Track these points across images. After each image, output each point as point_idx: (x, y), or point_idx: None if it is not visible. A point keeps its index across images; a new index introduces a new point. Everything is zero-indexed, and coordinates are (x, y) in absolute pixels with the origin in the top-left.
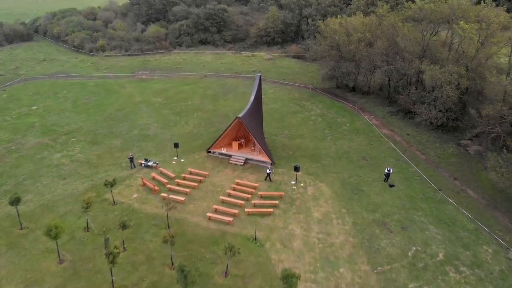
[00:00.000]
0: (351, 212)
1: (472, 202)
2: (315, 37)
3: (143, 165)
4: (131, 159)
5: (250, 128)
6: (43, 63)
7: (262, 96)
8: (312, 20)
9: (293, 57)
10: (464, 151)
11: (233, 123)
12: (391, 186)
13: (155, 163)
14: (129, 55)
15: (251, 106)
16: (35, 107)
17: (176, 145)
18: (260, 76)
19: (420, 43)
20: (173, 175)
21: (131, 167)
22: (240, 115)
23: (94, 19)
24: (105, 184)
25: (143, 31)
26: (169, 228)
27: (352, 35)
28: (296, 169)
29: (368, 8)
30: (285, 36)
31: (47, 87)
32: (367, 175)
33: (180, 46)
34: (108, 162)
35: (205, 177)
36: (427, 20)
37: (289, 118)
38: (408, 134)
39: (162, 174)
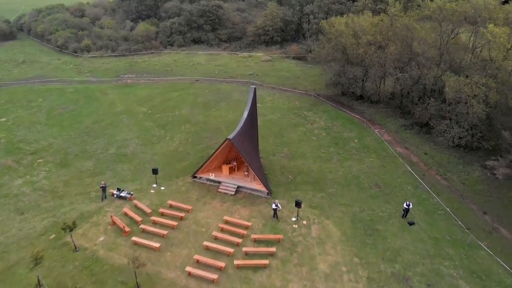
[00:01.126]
0: (365, 263)
1: (507, 245)
2: (317, 37)
3: (115, 195)
4: (103, 189)
5: (242, 151)
6: (22, 65)
7: (259, 105)
8: (314, 18)
9: (294, 58)
10: (491, 175)
11: (223, 145)
12: (410, 224)
13: (129, 193)
14: (115, 56)
15: (244, 124)
16: (3, 119)
17: (155, 171)
18: (255, 89)
19: (438, 47)
20: (149, 211)
21: (102, 198)
22: (231, 136)
23: (82, 16)
24: (63, 229)
25: (132, 29)
26: None
27: (360, 37)
28: (298, 204)
29: (376, 5)
30: (285, 35)
31: (21, 94)
32: (381, 208)
33: (172, 45)
34: (75, 190)
35: (188, 212)
36: (447, 21)
37: (289, 132)
38: (425, 154)
39: (136, 208)
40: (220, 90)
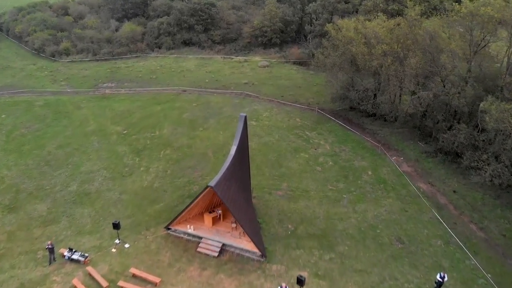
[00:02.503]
0: None
1: None
2: (321, 41)
3: (66, 257)
4: (51, 250)
5: (228, 200)
6: None
7: (253, 123)
8: (317, 19)
9: (294, 63)
10: None
11: (204, 192)
12: None
13: (83, 256)
14: (97, 60)
15: (231, 164)
16: None
17: (116, 226)
18: (246, 117)
19: (466, 60)
20: (105, 284)
21: (50, 261)
22: (213, 183)
23: (65, 15)
24: None
25: (117, 29)
26: None
27: (374, 46)
28: (300, 282)
29: (388, 5)
30: (285, 36)
31: None
32: (406, 277)
33: (159, 48)
34: (20, 247)
35: (156, 286)
36: (478, 28)
37: (289, 160)
38: (454, 192)
39: (90, 277)
40: (210, 103)
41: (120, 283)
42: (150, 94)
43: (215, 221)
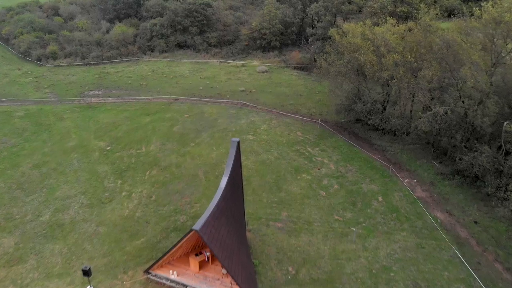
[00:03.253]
0: None
1: None
2: (323, 45)
3: None
4: None
5: (216, 244)
6: None
7: (250, 137)
8: (318, 21)
9: (295, 68)
10: None
11: (188, 236)
12: None
13: None
14: (85, 64)
15: (220, 201)
16: None
17: (86, 273)
18: (239, 142)
19: (486, 72)
20: None
21: None
22: (198, 225)
23: (55, 15)
24: None
25: (108, 30)
26: None
27: (384, 55)
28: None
29: (397, 8)
30: (285, 39)
31: None
32: None
33: (152, 51)
34: None
35: None
36: (501, 37)
37: (289, 182)
38: (476, 223)
39: None
40: (203, 114)
41: None
42: (139, 104)
43: (202, 264)
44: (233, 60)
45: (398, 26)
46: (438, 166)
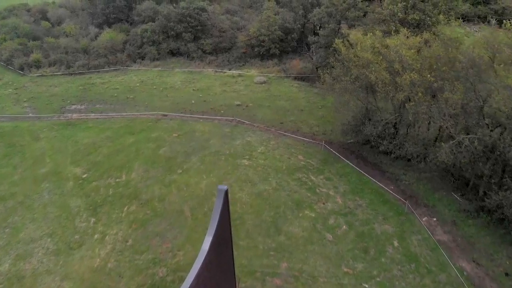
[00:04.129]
0: None
1: None
2: (326, 55)
3: None
4: None
5: None
6: None
7: (245, 162)
8: (320, 27)
9: (295, 78)
10: None
11: None
12: None
13: None
14: (70, 74)
15: (202, 268)
16: None
17: None
18: (227, 191)
19: None
20: None
21: None
22: None
23: (43, 19)
24: None
25: (97, 36)
26: None
27: (400, 73)
28: None
29: (408, 15)
30: (285, 46)
31: None
32: None
33: (143, 59)
34: None
35: None
36: None
37: (289, 221)
38: (507, 275)
39: None
40: (194, 133)
41: None
42: (123, 121)
43: None
44: (229, 69)
45: (412, 37)
46: (459, 200)
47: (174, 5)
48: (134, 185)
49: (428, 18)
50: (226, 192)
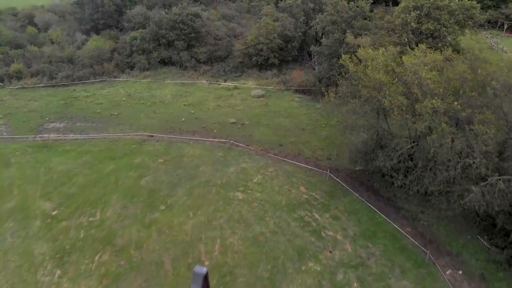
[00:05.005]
0: None
1: None
2: (330, 68)
3: None
4: None
5: None
6: None
7: (240, 195)
8: (323, 35)
9: (296, 91)
10: None
11: None
12: None
13: None
14: (53, 86)
15: None
16: None
17: None
18: (207, 274)
19: None
20: None
21: None
22: None
23: (30, 24)
24: None
25: (84, 43)
26: None
27: (418, 98)
28: None
29: (422, 25)
30: (285, 55)
31: None
32: None
33: (132, 69)
34: None
35: None
36: None
37: (290, 278)
38: None
39: None
40: (183, 158)
41: None
42: (104, 143)
43: None
44: (225, 81)
45: (430, 52)
46: (487, 246)
47: (166, 10)
48: (109, 225)
49: (444, 29)
50: (206, 277)
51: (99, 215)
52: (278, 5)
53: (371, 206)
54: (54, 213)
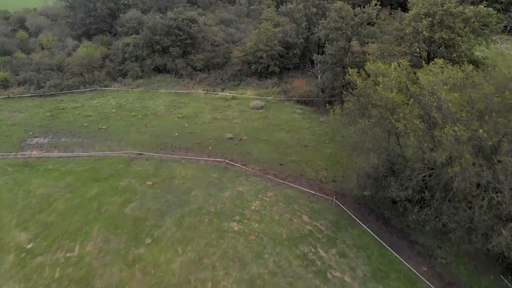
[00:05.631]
0: None
1: None
2: (335, 78)
3: None
4: None
5: None
6: None
7: (235, 226)
8: (326, 41)
9: (298, 101)
10: None
11: None
12: None
13: None
14: (40, 95)
15: None
16: None
17: None
18: None
19: None
20: None
21: None
22: None
23: (21, 27)
24: None
25: (74, 50)
26: None
27: (438, 124)
28: None
29: (435, 33)
30: (286, 63)
31: None
32: None
33: (124, 77)
34: None
35: None
36: None
37: None
38: None
39: None
40: (173, 180)
41: None
42: (89, 161)
43: None
44: (222, 90)
45: (447, 67)
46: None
47: (161, 15)
48: (88, 263)
49: (459, 38)
50: None
51: (78, 249)
52: (279, 9)
53: (382, 241)
54: (29, 246)
